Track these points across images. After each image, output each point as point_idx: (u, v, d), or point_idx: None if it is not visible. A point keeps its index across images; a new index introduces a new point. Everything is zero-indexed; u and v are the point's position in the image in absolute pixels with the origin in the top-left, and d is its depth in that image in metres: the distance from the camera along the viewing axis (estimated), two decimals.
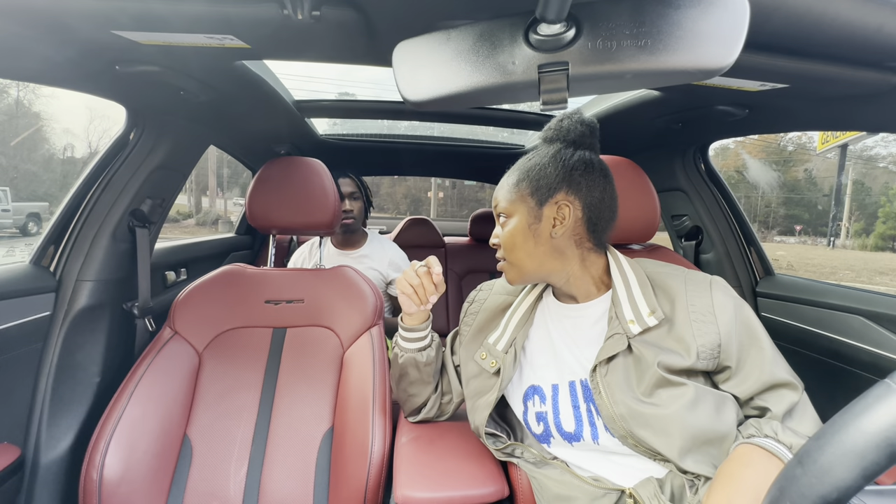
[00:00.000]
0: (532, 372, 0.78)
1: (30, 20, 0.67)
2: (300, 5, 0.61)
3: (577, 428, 0.71)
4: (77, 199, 1.10)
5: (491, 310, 0.87)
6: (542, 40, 0.47)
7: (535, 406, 0.76)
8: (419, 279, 0.80)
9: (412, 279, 0.80)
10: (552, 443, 0.75)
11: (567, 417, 0.72)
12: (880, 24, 0.60)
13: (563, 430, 0.72)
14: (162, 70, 0.85)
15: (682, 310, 0.68)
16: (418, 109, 0.77)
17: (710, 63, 0.47)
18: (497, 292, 0.89)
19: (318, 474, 0.95)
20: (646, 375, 0.66)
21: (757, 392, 0.66)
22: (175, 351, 1.02)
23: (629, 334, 0.67)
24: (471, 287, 2.08)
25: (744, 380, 0.66)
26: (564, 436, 0.72)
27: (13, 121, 15.95)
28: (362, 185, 1.69)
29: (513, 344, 0.79)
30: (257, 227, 1.20)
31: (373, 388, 0.95)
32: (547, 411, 0.73)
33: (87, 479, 0.82)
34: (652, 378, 0.65)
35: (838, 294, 1.17)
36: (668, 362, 0.65)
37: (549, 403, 0.74)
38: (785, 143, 31.28)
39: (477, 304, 0.90)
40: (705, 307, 0.67)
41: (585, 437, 0.70)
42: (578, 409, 0.71)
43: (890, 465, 0.32)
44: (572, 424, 0.71)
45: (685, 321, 0.67)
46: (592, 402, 0.70)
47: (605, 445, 0.69)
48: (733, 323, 0.66)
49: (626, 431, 0.65)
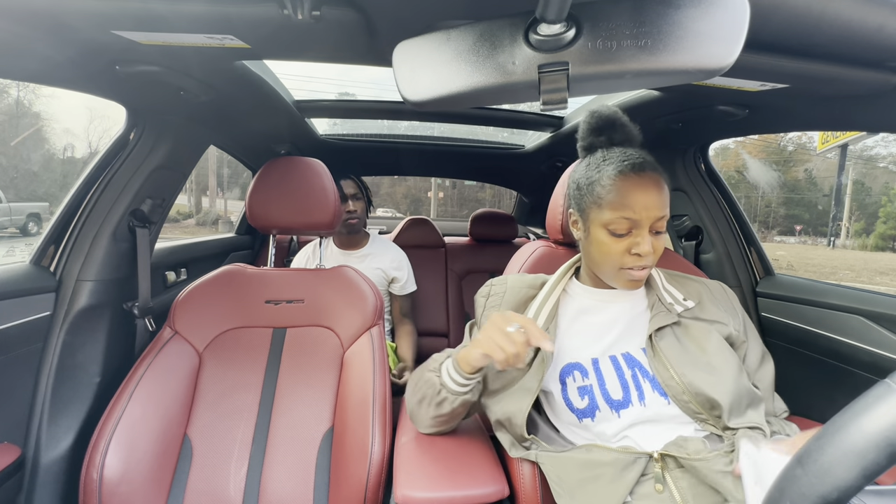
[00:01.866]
0: (567, 353, 0.80)
1: (30, 20, 0.67)
2: (300, 5, 0.61)
3: (625, 395, 0.74)
4: (77, 199, 1.10)
5: (512, 303, 0.86)
6: (542, 40, 0.47)
7: (576, 382, 0.77)
8: (516, 347, 0.67)
9: (508, 346, 0.67)
10: (597, 416, 0.75)
11: (613, 386, 0.75)
12: (880, 24, 0.60)
13: (611, 399, 0.74)
14: (162, 70, 0.85)
15: (707, 300, 0.82)
16: (418, 109, 0.77)
17: (710, 63, 0.47)
18: (514, 287, 0.88)
19: (319, 474, 0.95)
20: (697, 341, 0.76)
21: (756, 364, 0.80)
22: (175, 351, 1.02)
23: (674, 312, 0.79)
24: (471, 287, 2.08)
25: (752, 351, 0.81)
26: (612, 404, 0.74)
27: (13, 121, 15.96)
28: (363, 186, 1.71)
29: (548, 330, 0.80)
30: (257, 227, 1.20)
31: (373, 388, 0.95)
32: (591, 384, 0.76)
33: (87, 478, 0.83)
34: (703, 343, 0.75)
35: (838, 294, 1.17)
36: (716, 329, 0.77)
37: (593, 376, 0.76)
38: (785, 143, 31.31)
39: (495, 297, 0.88)
40: (722, 295, 0.84)
41: (634, 402, 0.74)
42: (623, 376, 0.75)
43: (890, 465, 0.32)
44: (619, 392, 0.74)
45: (713, 306, 0.81)
46: (639, 367, 0.76)
47: (653, 408, 0.73)
48: (741, 308, 0.85)
49: (684, 386, 0.71)
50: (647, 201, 0.70)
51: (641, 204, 0.70)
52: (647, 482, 0.68)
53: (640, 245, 0.71)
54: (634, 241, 0.72)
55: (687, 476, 0.67)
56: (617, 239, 0.73)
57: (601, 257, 0.76)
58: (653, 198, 0.70)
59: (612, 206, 0.71)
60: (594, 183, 0.74)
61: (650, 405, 0.73)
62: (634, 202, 0.70)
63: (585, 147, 0.82)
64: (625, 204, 0.70)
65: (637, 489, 0.68)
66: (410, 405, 0.85)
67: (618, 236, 0.73)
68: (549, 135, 1.79)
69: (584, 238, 0.80)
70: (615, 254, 0.73)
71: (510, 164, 2.26)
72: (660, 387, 0.74)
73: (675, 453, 0.68)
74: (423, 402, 0.81)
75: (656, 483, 0.67)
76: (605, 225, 0.73)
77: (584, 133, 0.82)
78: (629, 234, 0.72)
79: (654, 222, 0.71)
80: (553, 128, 1.72)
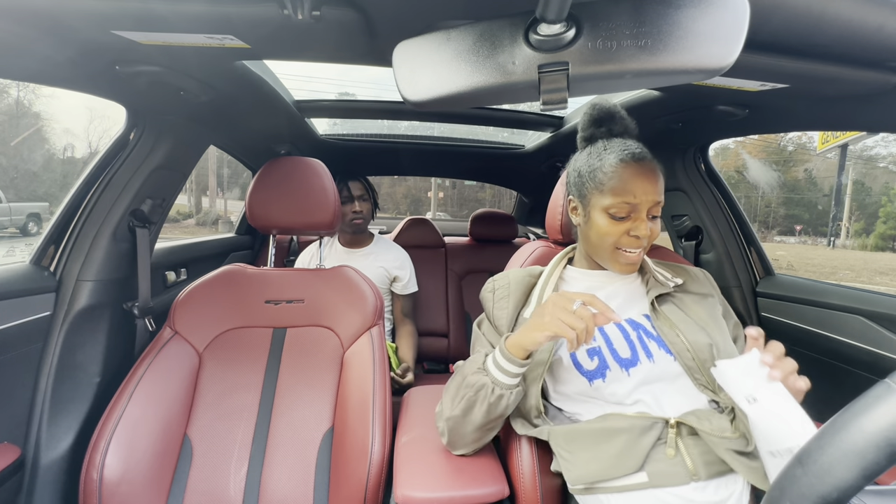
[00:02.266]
0: None
1: (30, 20, 0.67)
2: (300, 5, 0.61)
3: (633, 353, 0.77)
4: (77, 199, 1.10)
5: (518, 292, 0.89)
6: (542, 40, 0.47)
7: (584, 345, 0.78)
8: (585, 322, 0.66)
9: (578, 323, 0.66)
10: (607, 376, 0.77)
11: (621, 345, 0.78)
12: (880, 24, 0.60)
13: (620, 357, 0.77)
14: (162, 70, 0.85)
15: (692, 281, 0.88)
16: (418, 109, 0.77)
17: (710, 63, 0.47)
18: (516, 278, 0.91)
19: (319, 474, 0.95)
20: (691, 309, 0.82)
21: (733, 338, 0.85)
22: (175, 351, 1.02)
23: (668, 286, 0.85)
24: (471, 287, 2.08)
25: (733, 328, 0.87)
26: (621, 363, 0.77)
27: (13, 121, 15.95)
28: (370, 187, 1.75)
29: None
30: (257, 227, 1.20)
31: (373, 388, 0.95)
32: (599, 345, 0.79)
33: (87, 479, 0.83)
34: (697, 311, 0.82)
35: (838, 294, 1.17)
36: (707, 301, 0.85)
37: (600, 339, 0.80)
38: (785, 143, 31.30)
39: (502, 290, 0.89)
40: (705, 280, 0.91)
41: (642, 360, 0.77)
42: (629, 337, 0.79)
43: (890, 465, 0.32)
44: (627, 350, 0.78)
45: (698, 285, 0.88)
46: (643, 329, 0.80)
47: (661, 364, 0.76)
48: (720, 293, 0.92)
49: (688, 343, 0.75)
50: (647, 187, 0.75)
51: (641, 189, 0.75)
52: (658, 446, 0.71)
53: (639, 228, 0.77)
54: (633, 225, 0.77)
55: (700, 444, 0.70)
56: (617, 222, 0.78)
57: (599, 239, 0.80)
58: (651, 184, 0.76)
59: (614, 191, 0.76)
60: (596, 170, 0.79)
61: (658, 362, 0.76)
62: (635, 187, 0.75)
63: (586, 138, 0.87)
64: (626, 189, 0.75)
65: (652, 453, 0.70)
66: (452, 422, 0.79)
67: (618, 220, 0.78)
68: (549, 135, 1.79)
69: (584, 223, 0.83)
70: (613, 235, 0.78)
71: (510, 164, 2.26)
72: (665, 346, 0.77)
73: (695, 425, 0.70)
74: (471, 410, 0.75)
75: (668, 448, 0.70)
76: (606, 209, 0.78)
77: (585, 124, 0.86)
78: (628, 219, 0.77)
79: (651, 207, 0.77)
80: (553, 128, 1.72)
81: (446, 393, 0.82)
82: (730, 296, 1.43)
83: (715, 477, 0.68)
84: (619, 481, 0.70)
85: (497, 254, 2.10)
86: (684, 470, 0.68)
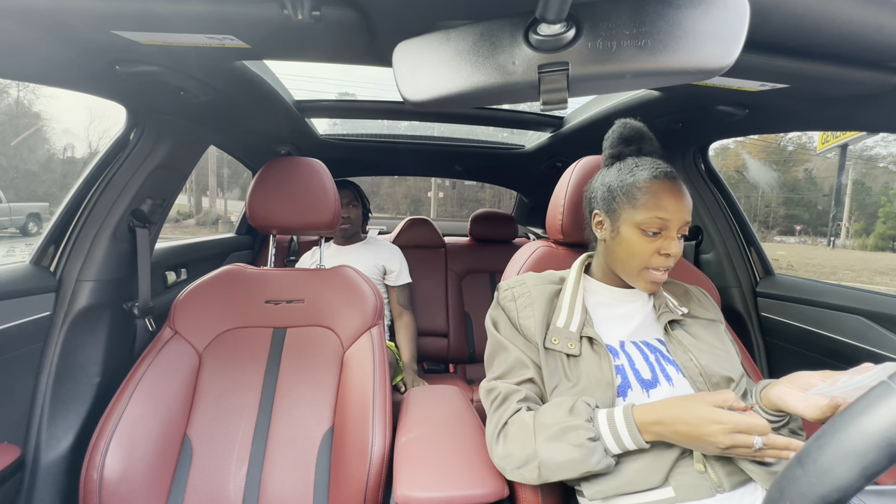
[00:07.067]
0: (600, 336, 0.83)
1: (30, 20, 0.67)
2: (300, 5, 0.61)
3: (653, 375, 0.78)
4: (77, 199, 1.10)
5: (542, 300, 0.84)
6: (542, 40, 0.47)
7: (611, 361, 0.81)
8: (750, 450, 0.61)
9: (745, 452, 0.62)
10: (628, 395, 0.77)
11: (642, 366, 0.79)
12: (880, 24, 0.60)
13: (641, 377, 0.78)
14: (162, 70, 0.85)
15: (695, 304, 0.91)
16: (418, 109, 0.77)
17: (710, 63, 0.47)
18: (536, 285, 0.87)
19: (319, 474, 0.95)
20: (700, 334, 0.85)
21: None
22: (175, 351, 1.02)
23: (676, 313, 0.86)
24: (471, 287, 2.08)
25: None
26: (643, 383, 0.77)
27: (13, 121, 15.95)
28: (360, 194, 1.86)
29: (584, 322, 0.83)
30: (257, 227, 1.20)
31: (373, 388, 0.96)
32: (623, 364, 0.79)
33: (87, 479, 0.83)
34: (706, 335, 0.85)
35: (838, 294, 1.17)
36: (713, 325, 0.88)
37: (623, 357, 0.80)
38: (785, 143, 31.28)
39: (524, 297, 0.85)
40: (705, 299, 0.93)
41: (662, 382, 0.78)
42: (648, 359, 0.80)
43: (890, 465, 0.32)
44: (648, 372, 0.79)
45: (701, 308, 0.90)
46: (660, 353, 0.81)
47: (679, 388, 0.78)
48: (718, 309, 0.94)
49: (701, 368, 0.78)
50: (679, 205, 0.77)
51: (674, 206, 0.76)
52: (682, 461, 0.70)
53: (670, 246, 0.77)
54: (664, 243, 0.78)
55: (721, 457, 0.70)
56: (647, 239, 0.78)
57: (628, 256, 0.80)
58: (683, 202, 0.77)
59: (647, 206, 0.77)
60: (629, 185, 0.80)
61: (677, 385, 0.77)
62: (668, 204, 0.76)
63: (614, 155, 0.87)
64: (659, 205, 0.76)
65: (675, 468, 0.70)
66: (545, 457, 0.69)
67: (648, 236, 0.78)
68: (549, 135, 1.79)
69: (612, 238, 0.83)
70: (644, 253, 0.79)
71: (510, 164, 2.26)
72: (681, 370, 0.79)
73: None
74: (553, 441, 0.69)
75: (696, 462, 0.70)
76: (637, 224, 0.78)
77: (613, 142, 0.87)
78: (658, 236, 0.78)
79: (681, 225, 0.78)
80: (553, 128, 1.72)
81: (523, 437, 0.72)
82: (730, 296, 1.43)
83: (738, 487, 0.69)
84: (643, 496, 0.69)
85: (497, 254, 2.09)
86: (709, 482, 0.69)
